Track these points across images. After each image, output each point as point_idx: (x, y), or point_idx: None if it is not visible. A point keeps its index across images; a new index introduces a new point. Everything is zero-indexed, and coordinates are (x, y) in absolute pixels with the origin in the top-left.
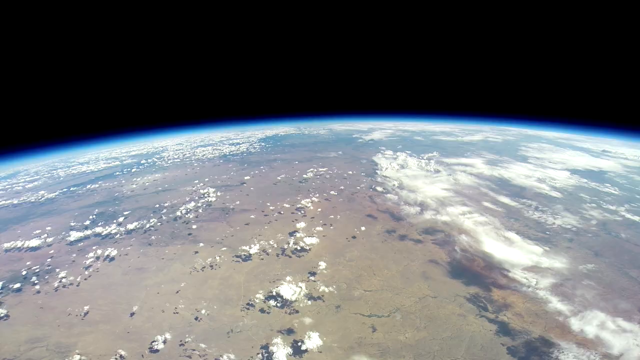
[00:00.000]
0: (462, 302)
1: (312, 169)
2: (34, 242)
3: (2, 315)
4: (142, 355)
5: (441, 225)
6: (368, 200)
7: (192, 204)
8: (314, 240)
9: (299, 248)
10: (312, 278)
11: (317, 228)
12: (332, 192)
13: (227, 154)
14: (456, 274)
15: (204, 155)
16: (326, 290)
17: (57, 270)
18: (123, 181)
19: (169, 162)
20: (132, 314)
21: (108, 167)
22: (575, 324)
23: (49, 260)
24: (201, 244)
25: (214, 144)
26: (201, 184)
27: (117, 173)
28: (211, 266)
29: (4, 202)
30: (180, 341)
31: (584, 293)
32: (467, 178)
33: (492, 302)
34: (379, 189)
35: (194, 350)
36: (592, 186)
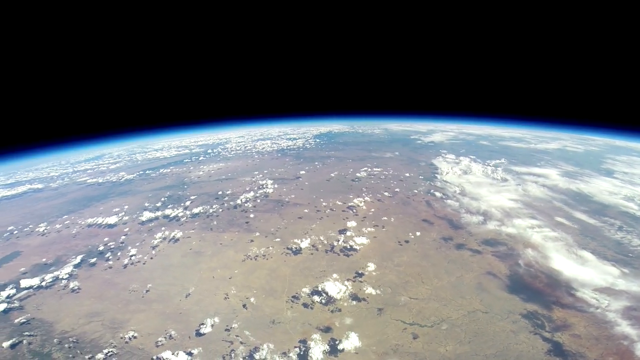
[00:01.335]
0: (516, 318)
1: (365, 168)
2: (112, 220)
3: (75, 288)
4: (189, 337)
5: (505, 237)
6: (424, 205)
7: (252, 193)
8: (364, 240)
9: (348, 247)
10: (359, 279)
11: (368, 229)
12: (385, 194)
13: (285, 148)
14: (515, 289)
15: (263, 148)
16: (372, 292)
17: (129, 248)
18: (191, 168)
19: (231, 153)
20: (186, 296)
21: (179, 154)
22: None
23: (123, 237)
24: (257, 234)
25: (272, 138)
26: (260, 176)
27: (186, 160)
28: (264, 256)
29: (91, 180)
30: (227, 326)
31: None
32: (538, 190)
33: (550, 321)
34: (438, 194)
35: (237, 336)
36: None
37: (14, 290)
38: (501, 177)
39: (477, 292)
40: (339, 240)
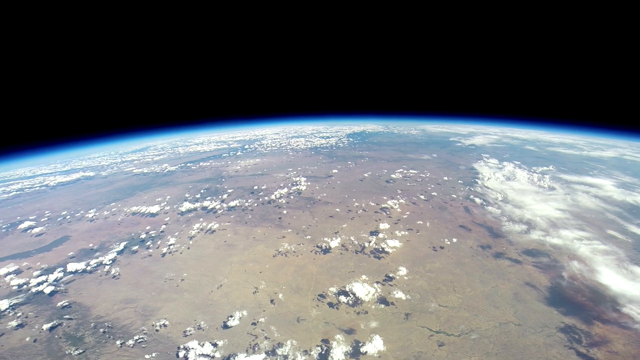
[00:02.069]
0: (551, 332)
1: (400, 170)
2: (154, 209)
3: (115, 274)
4: (217, 329)
5: (549, 248)
6: (462, 211)
7: (285, 190)
8: (396, 243)
9: (379, 249)
10: (388, 282)
11: (402, 232)
12: (421, 197)
13: (318, 146)
14: (554, 301)
15: (297, 145)
16: (401, 297)
17: (168, 237)
18: (229, 162)
19: (267, 149)
20: (218, 287)
21: (217, 149)
22: None
23: (163, 227)
24: (288, 230)
25: (306, 135)
26: (294, 172)
27: (224, 155)
28: (294, 252)
29: (137, 170)
30: (254, 320)
31: None
32: (589, 200)
33: (589, 336)
34: (478, 200)
35: (263, 330)
36: None
37: (61, 274)
38: (548, 185)
39: (512, 303)
40: (370, 242)
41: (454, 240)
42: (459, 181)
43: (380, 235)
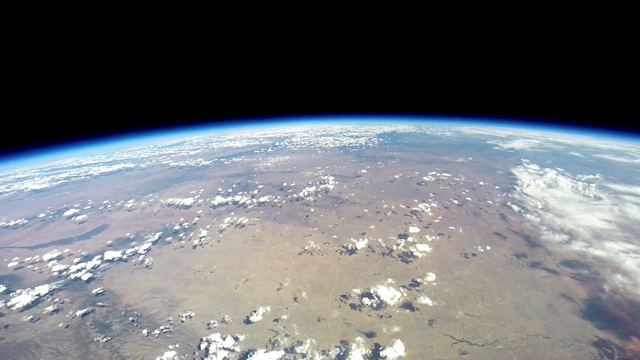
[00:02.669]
0: (581, 346)
1: (433, 172)
2: (188, 201)
3: (149, 264)
4: (239, 323)
5: (590, 259)
6: (498, 218)
7: (313, 188)
8: (426, 248)
9: (407, 253)
10: (415, 287)
11: (432, 237)
12: (454, 201)
13: (346, 145)
14: (590, 314)
15: (326, 144)
16: (426, 303)
17: (200, 229)
18: (260, 158)
19: (296, 147)
20: (244, 281)
21: (249, 145)
22: None
23: (196, 219)
24: (315, 229)
25: (335, 134)
26: (322, 171)
27: (256, 151)
28: (319, 251)
29: (173, 163)
30: (276, 317)
31: None
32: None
33: (622, 351)
34: (515, 207)
35: (284, 328)
36: None
37: (99, 262)
38: (594, 194)
39: (543, 315)
40: (398, 245)
41: (488, 248)
42: (496, 187)
43: (410, 239)
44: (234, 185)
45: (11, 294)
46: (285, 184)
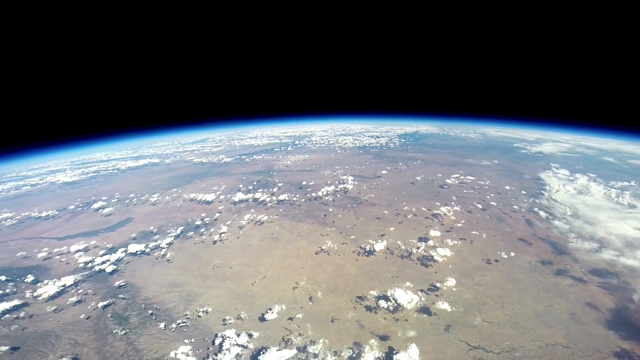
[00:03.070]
0: (602, 357)
1: (456, 175)
2: (210, 197)
3: (169, 258)
4: (254, 320)
5: (621, 268)
6: (523, 223)
7: (332, 187)
8: (447, 252)
9: (427, 256)
10: (434, 292)
11: (454, 241)
12: (478, 205)
13: (366, 145)
14: (615, 324)
15: (345, 144)
16: (444, 308)
17: (221, 225)
18: (280, 157)
19: (316, 146)
20: (262, 278)
21: (269, 143)
22: None
23: (217, 215)
24: (333, 228)
25: (354, 134)
26: (341, 171)
27: (276, 149)
28: (336, 251)
29: (196, 159)
30: (291, 316)
31: None
32: None
33: None
34: (542, 213)
35: (299, 327)
36: None
37: (123, 254)
38: (628, 202)
39: (566, 324)
40: (418, 248)
41: (512, 254)
42: (522, 191)
43: (430, 243)
44: (255, 183)
45: (38, 284)
46: (304, 183)
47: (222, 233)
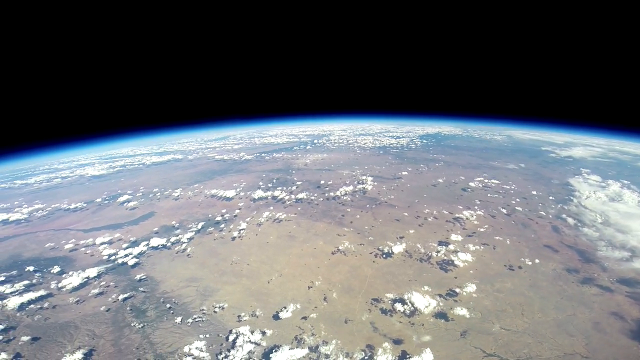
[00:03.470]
0: None
1: (480, 178)
2: (230, 193)
3: (189, 253)
4: (268, 318)
5: None
6: (550, 230)
7: (350, 187)
8: (468, 257)
9: (448, 261)
10: (453, 297)
11: (475, 246)
12: (502, 210)
13: (386, 145)
14: None
15: (365, 143)
16: (462, 314)
17: (240, 222)
18: (299, 155)
19: (334, 145)
20: (274, 277)
21: (289, 141)
22: None
23: (237, 211)
24: (350, 229)
25: (374, 134)
26: (360, 171)
27: (295, 148)
28: (353, 252)
29: (218, 156)
30: (305, 315)
31: None
32: None
33: None
34: (571, 220)
35: (312, 327)
36: None
37: (145, 248)
38: None
39: (588, 333)
40: (438, 252)
41: (536, 261)
42: (550, 197)
43: (451, 247)
44: (274, 180)
45: (63, 275)
46: (322, 182)
47: (241, 230)
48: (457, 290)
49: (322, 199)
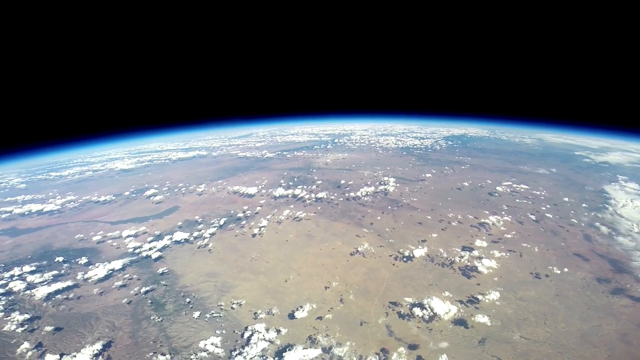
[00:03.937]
0: None
1: (508, 183)
2: (252, 190)
3: (210, 248)
4: (283, 317)
5: None
6: (581, 238)
7: (372, 188)
8: (492, 264)
9: (471, 267)
10: (475, 304)
11: (501, 253)
12: (531, 217)
13: (410, 146)
14: None
15: (387, 144)
16: (482, 322)
17: (261, 219)
18: (319, 154)
19: (355, 145)
20: (291, 276)
21: (310, 140)
22: None
23: (258, 208)
24: (371, 230)
25: (397, 134)
26: (382, 172)
27: (316, 147)
28: (373, 254)
29: (241, 153)
30: (320, 315)
31: None
32: None
33: None
34: (604, 228)
35: (326, 327)
36: None
37: (169, 242)
38: None
39: (612, 345)
40: (461, 258)
41: (565, 269)
42: (583, 204)
43: (475, 253)
44: (295, 179)
45: (90, 267)
46: (342, 182)
47: (262, 227)
48: (479, 297)
49: (342, 199)
